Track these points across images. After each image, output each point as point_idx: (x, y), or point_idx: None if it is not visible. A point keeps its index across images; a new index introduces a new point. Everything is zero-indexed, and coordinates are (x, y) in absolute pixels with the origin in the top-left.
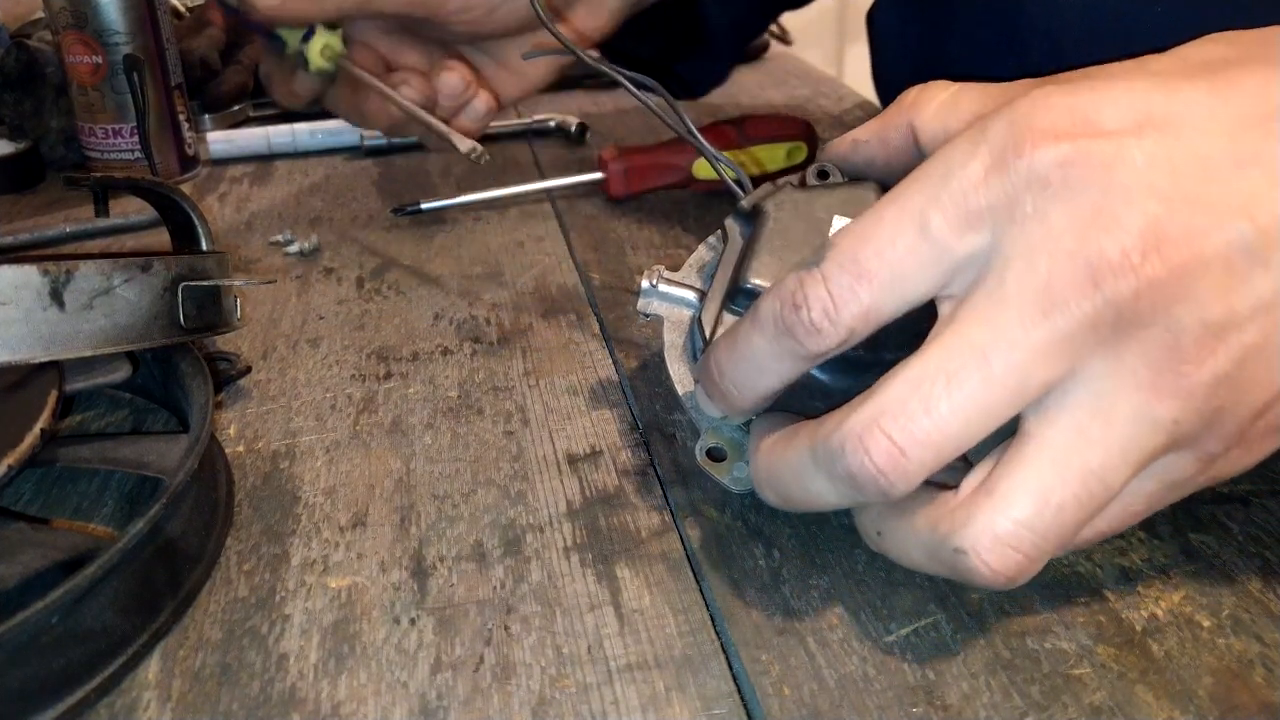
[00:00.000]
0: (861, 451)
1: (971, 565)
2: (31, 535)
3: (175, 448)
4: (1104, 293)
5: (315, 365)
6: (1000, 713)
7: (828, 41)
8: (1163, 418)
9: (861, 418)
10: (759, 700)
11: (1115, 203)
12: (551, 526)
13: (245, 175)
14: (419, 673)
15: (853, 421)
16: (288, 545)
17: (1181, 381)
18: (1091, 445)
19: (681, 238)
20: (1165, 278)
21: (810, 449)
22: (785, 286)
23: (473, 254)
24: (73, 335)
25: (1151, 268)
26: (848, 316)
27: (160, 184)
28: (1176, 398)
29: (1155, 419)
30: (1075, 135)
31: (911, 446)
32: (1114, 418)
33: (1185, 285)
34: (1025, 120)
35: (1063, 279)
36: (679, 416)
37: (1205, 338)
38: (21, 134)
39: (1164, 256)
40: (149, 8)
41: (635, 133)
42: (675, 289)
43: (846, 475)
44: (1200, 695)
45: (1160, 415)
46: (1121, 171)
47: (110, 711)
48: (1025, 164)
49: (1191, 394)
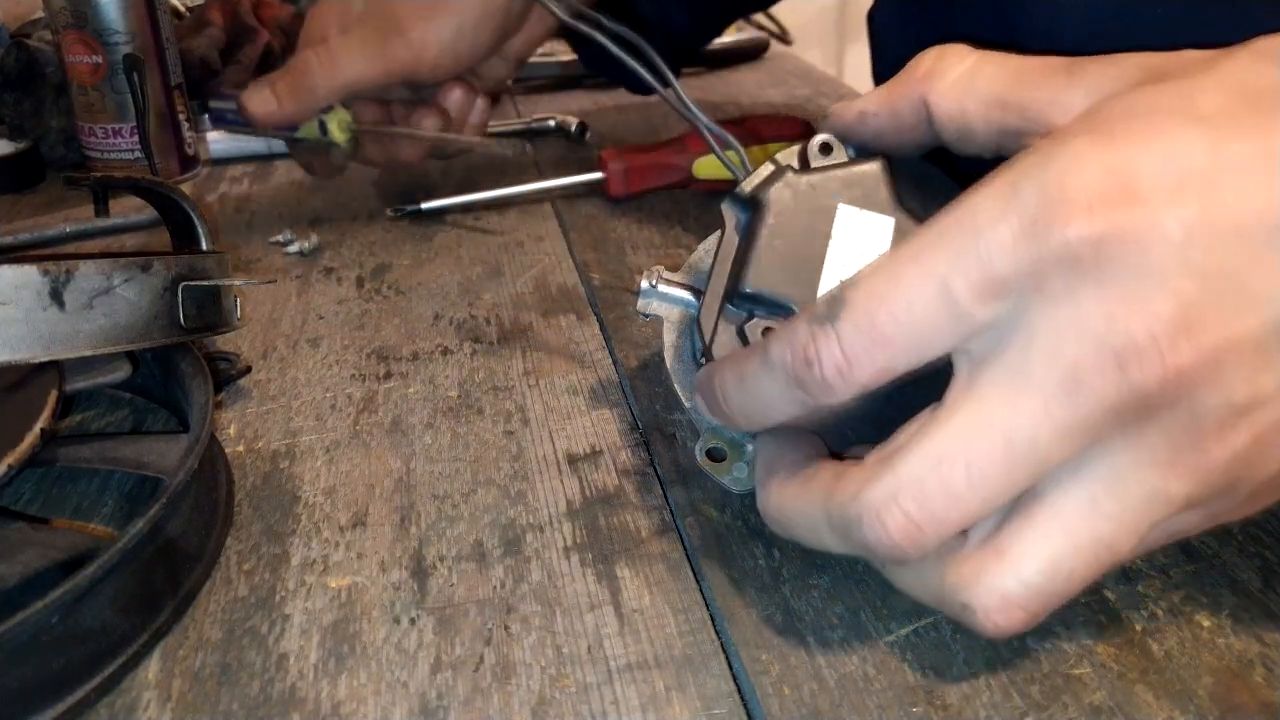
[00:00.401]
0: (879, 525)
1: (978, 620)
2: (31, 535)
3: (175, 447)
4: (1130, 379)
5: (315, 365)
6: (1000, 713)
7: (828, 41)
8: (1178, 494)
9: (879, 493)
10: (759, 700)
11: (1147, 285)
12: (551, 526)
13: (245, 175)
14: (419, 672)
15: (870, 495)
16: (288, 545)
17: (1200, 460)
18: (1104, 518)
19: (681, 238)
20: (1194, 364)
21: (825, 510)
22: (798, 337)
23: (473, 254)
24: (73, 335)
25: (1180, 355)
26: (862, 376)
27: (160, 184)
28: (1194, 476)
29: (1170, 495)
30: (1111, 207)
31: (928, 523)
32: (1129, 493)
33: (1213, 370)
34: (1059, 185)
35: (1088, 363)
36: (679, 416)
37: (1229, 419)
38: (21, 134)
39: (1194, 342)
40: (149, 8)
41: (635, 133)
42: (674, 289)
43: (861, 543)
44: (1200, 695)
45: (1176, 492)
46: (1156, 250)
47: (110, 711)
48: (1057, 238)
49: (1210, 471)
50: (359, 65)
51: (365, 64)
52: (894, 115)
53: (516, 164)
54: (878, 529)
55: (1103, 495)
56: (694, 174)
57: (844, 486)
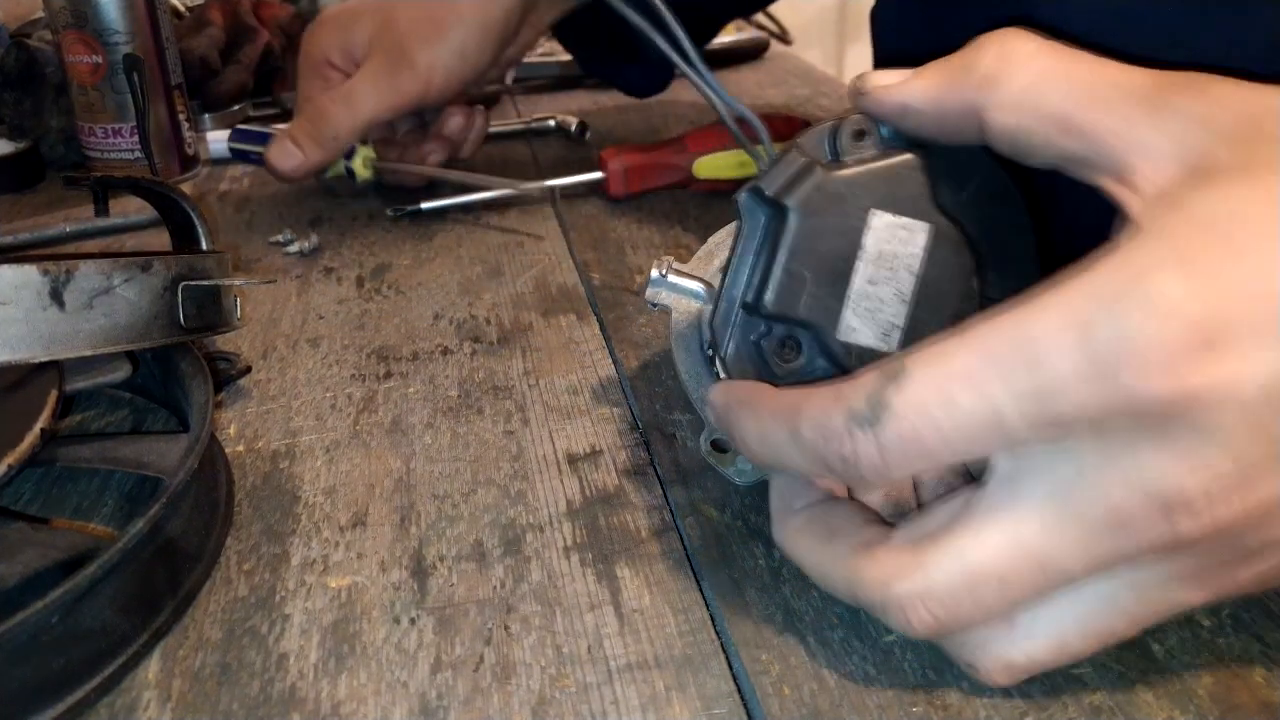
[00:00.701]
0: (903, 619)
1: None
2: (31, 535)
3: (175, 447)
4: (1176, 529)
5: (315, 365)
6: (1000, 712)
7: (828, 41)
8: (1196, 603)
9: (909, 589)
10: (759, 700)
11: (1210, 446)
12: (551, 526)
13: (245, 175)
14: (419, 672)
15: (899, 590)
16: (288, 545)
17: (1226, 581)
18: (1120, 614)
19: (681, 237)
20: (1241, 516)
21: (849, 585)
22: (834, 431)
23: (473, 254)
24: (73, 335)
25: (1230, 509)
26: (897, 475)
27: (160, 183)
28: (1217, 593)
29: (1189, 604)
30: (1191, 368)
31: (953, 623)
32: (1149, 598)
33: (1259, 519)
34: (1139, 337)
35: (1136, 509)
36: (679, 416)
37: (1262, 551)
38: (21, 133)
39: (1245, 498)
40: (149, 7)
41: (635, 133)
42: (684, 280)
43: (883, 618)
44: (1200, 695)
45: (1195, 602)
46: (1228, 412)
47: (110, 711)
48: (1128, 393)
49: (1232, 589)
50: (373, 103)
51: (379, 101)
52: (940, 117)
53: (516, 164)
54: (901, 621)
55: (1124, 596)
56: (694, 174)
57: (872, 570)
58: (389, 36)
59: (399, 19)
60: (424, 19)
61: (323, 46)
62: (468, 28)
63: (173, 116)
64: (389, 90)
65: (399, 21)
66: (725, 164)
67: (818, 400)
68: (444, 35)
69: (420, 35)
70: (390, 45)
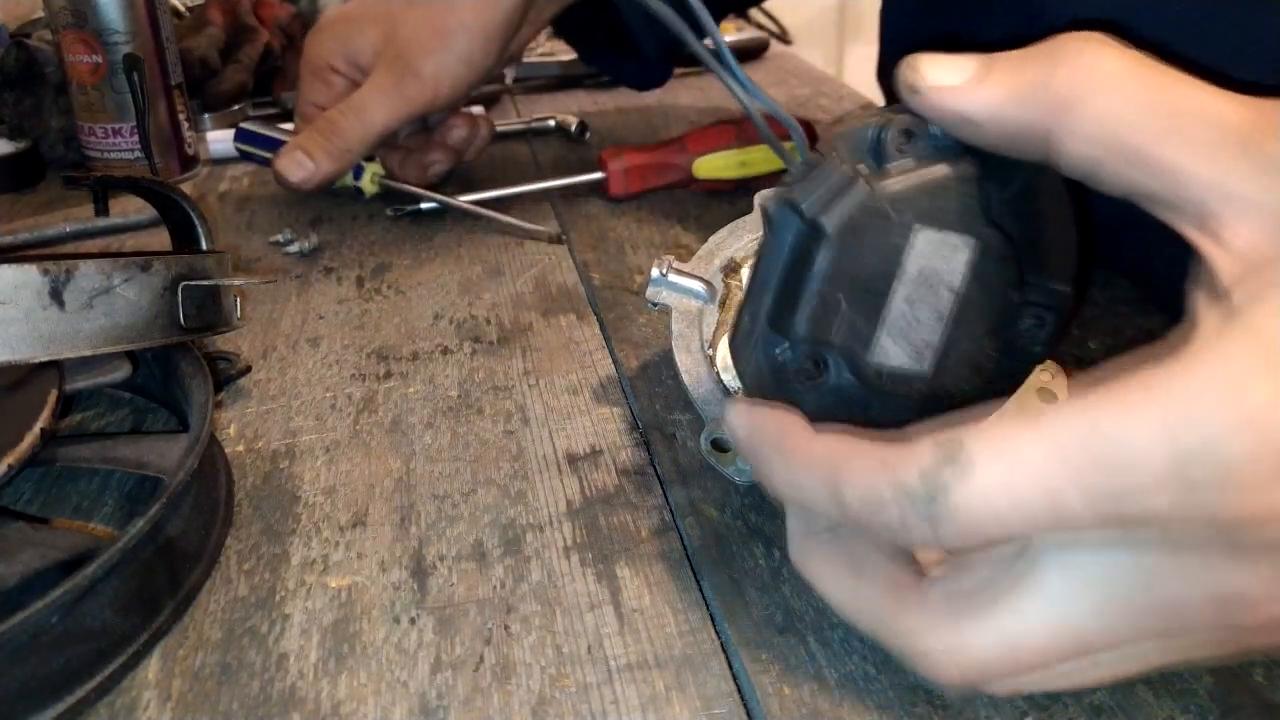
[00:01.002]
0: (932, 672)
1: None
2: (31, 535)
3: (175, 447)
4: (1229, 624)
5: (315, 365)
6: (1000, 712)
7: (828, 41)
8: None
9: (941, 645)
10: (759, 700)
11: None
12: (551, 526)
13: (245, 175)
14: (419, 672)
15: (931, 645)
16: (288, 545)
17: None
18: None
19: (681, 237)
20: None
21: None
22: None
23: (473, 253)
24: (73, 335)
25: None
26: (948, 549)
27: (160, 183)
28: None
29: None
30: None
31: (982, 685)
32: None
33: None
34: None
35: (1194, 603)
36: (679, 416)
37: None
38: (21, 133)
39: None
40: (149, 7)
41: (635, 132)
42: (684, 279)
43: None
44: (1200, 695)
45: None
46: None
47: (110, 711)
48: (1211, 510)
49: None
50: (384, 114)
51: (390, 112)
52: (1004, 135)
53: (516, 164)
54: (929, 673)
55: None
56: (694, 174)
57: (906, 621)
58: (393, 46)
59: (402, 27)
60: (426, 27)
61: (325, 51)
62: (470, 33)
63: (173, 116)
64: (398, 100)
65: (402, 30)
66: (725, 164)
67: (863, 465)
68: (447, 43)
69: (424, 44)
70: (395, 55)
